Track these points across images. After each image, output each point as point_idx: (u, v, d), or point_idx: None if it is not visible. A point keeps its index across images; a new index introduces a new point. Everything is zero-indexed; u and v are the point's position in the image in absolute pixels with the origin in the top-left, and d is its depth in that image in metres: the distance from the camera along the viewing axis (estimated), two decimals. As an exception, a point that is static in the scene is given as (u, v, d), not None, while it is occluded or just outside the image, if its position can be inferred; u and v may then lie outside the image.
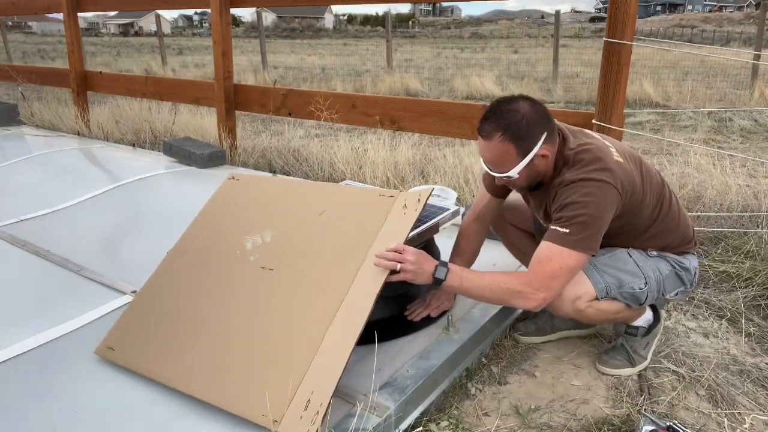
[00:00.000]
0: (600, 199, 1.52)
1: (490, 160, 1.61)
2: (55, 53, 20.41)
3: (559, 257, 1.52)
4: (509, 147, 1.55)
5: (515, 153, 1.56)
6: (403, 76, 11.02)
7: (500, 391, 1.76)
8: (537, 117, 1.56)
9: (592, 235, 1.52)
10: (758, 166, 4.17)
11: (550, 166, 1.63)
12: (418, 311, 1.90)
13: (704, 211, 3.06)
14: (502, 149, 1.56)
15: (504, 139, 1.54)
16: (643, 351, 1.84)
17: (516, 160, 1.57)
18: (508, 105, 1.57)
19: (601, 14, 61.84)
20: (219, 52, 4.09)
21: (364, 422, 1.42)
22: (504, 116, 1.55)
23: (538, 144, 1.56)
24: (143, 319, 1.73)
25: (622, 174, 1.55)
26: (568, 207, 1.53)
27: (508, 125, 1.54)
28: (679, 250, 1.77)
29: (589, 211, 1.51)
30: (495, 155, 1.58)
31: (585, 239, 1.52)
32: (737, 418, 1.64)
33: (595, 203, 1.52)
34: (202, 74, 12.48)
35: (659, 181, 1.71)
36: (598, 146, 1.60)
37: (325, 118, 3.65)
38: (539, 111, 1.57)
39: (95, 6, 5.28)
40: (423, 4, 64.89)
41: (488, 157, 1.60)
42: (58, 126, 5.59)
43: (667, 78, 9.92)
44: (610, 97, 2.46)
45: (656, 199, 1.67)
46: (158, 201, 3.21)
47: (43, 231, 2.76)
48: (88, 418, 1.47)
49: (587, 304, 1.65)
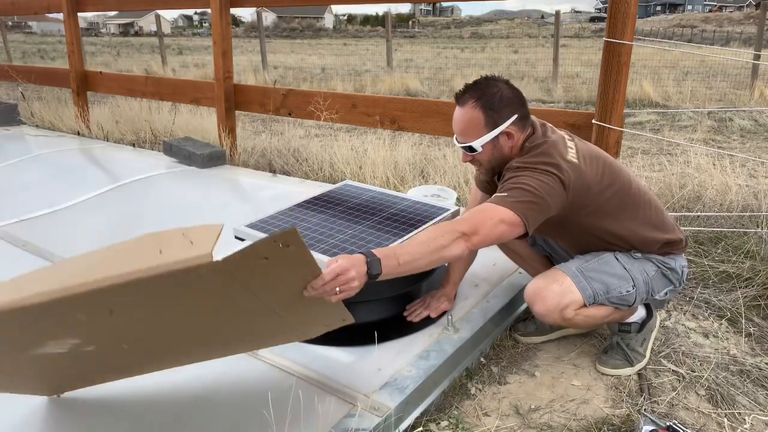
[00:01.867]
0: (542, 181, 1.53)
1: (460, 128, 1.64)
2: (55, 53, 20.41)
3: (490, 209, 1.51)
4: (479, 115, 1.60)
5: (483, 123, 1.60)
6: (403, 76, 11.01)
7: (500, 391, 1.76)
8: (511, 97, 1.62)
9: (529, 203, 1.51)
10: (758, 166, 4.17)
11: (514, 151, 1.65)
12: (417, 312, 1.90)
13: (704, 211, 3.05)
14: (472, 117, 1.60)
15: (476, 106, 1.59)
16: (640, 348, 1.85)
17: (482, 131, 1.61)
18: (488, 80, 1.64)
19: (601, 14, 61.85)
20: (219, 52, 4.09)
21: (364, 422, 1.43)
22: (481, 87, 1.61)
23: (507, 122, 1.61)
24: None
25: (569, 171, 1.57)
26: (510, 180, 1.57)
27: (482, 94, 1.60)
28: (663, 251, 1.76)
29: (530, 183, 1.53)
30: (464, 122, 1.62)
31: (521, 203, 1.50)
32: (737, 418, 1.64)
33: (537, 181, 1.53)
34: (202, 74, 12.48)
35: (626, 183, 1.70)
36: (555, 143, 1.62)
37: (324, 118, 3.65)
38: (515, 94, 1.63)
39: (95, 6, 5.28)
40: (423, 4, 64.89)
41: (458, 124, 1.64)
42: (58, 126, 5.59)
43: (667, 78, 9.92)
44: (610, 97, 2.46)
45: (620, 200, 1.68)
46: (158, 201, 3.21)
47: (43, 231, 2.76)
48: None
49: (575, 312, 1.66)
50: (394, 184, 3.60)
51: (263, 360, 1.68)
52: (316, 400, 1.50)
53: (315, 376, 1.59)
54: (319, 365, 1.65)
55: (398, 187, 3.58)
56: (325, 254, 1.73)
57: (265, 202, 3.14)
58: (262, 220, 2.01)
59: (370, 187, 2.32)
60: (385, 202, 2.15)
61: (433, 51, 21.31)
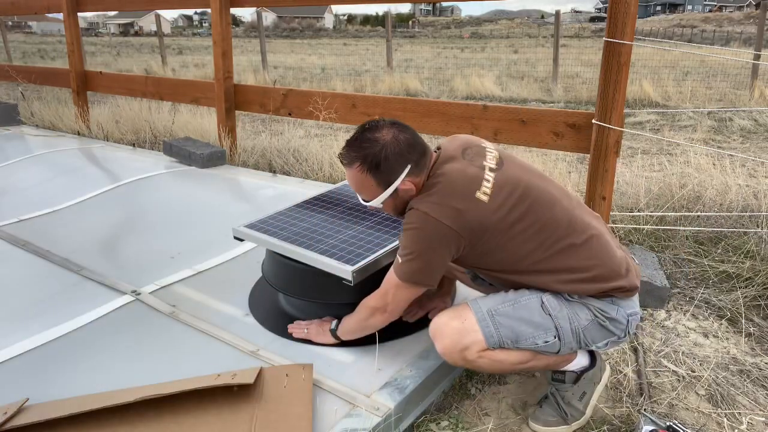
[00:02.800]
0: (425, 234, 1.43)
1: (355, 188, 1.57)
2: (55, 53, 20.41)
3: (389, 280, 1.53)
4: (368, 178, 1.50)
5: (375, 184, 1.51)
6: (403, 76, 11.01)
7: (500, 391, 1.76)
8: (399, 149, 1.48)
9: (417, 267, 1.46)
10: (758, 166, 4.18)
11: (417, 191, 1.53)
12: (413, 312, 1.90)
13: (704, 211, 3.06)
14: (362, 179, 1.51)
15: (362, 169, 1.49)
16: (577, 403, 1.59)
17: (377, 191, 1.53)
18: (370, 133, 1.50)
19: (601, 14, 61.86)
20: (219, 52, 4.09)
21: (365, 422, 1.43)
22: (363, 146, 1.49)
23: (400, 177, 1.49)
24: None
25: (466, 213, 1.41)
26: (401, 236, 1.50)
27: (365, 156, 1.48)
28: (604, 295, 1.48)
29: (413, 247, 1.45)
30: (357, 184, 1.54)
31: (409, 270, 1.47)
32: (737, 418, 1.64)
33: (420, 238, 1.44)
34: (202, 74, 12.48)
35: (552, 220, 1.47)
36: (459, 179, 1.46)
37: (324, 118, 3.65)
38: (403, 141, 1.49)
39: (95, 6, 5.28)
40: (423, 4, 64.90)
41: (352, 185, 1.56)
42: (58, 126, 5.59)
43: (667, 78, 9.92)
44: (610, 96, 2.46)
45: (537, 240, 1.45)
46: (158, 201, 3.21)
47: (43, 231, 2.76)
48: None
49: (478, 354, 1.46)
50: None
51: (263, 360, 1.68)
52: (317, 400, 1.50)
53: (315, 376, 1.60)
54: (319, 365, 1.65)
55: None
56: (325, 254, 1.73)
57: (264, 202, 3.14)
58: (261, 220, 2.01)
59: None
60: (385, 202, 2.15)
61: (433, 51, 21.32)
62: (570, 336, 1.47)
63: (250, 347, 1.75)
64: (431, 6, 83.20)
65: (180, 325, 1.90)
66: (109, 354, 1.74)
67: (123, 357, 1.73)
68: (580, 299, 1.48)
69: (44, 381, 1.62)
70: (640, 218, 2.97)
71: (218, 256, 2.44)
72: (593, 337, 1.49)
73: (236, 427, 1.37)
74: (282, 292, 1.89)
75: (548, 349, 1.48)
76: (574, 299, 1.48)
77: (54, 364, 1.70)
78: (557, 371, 1.60)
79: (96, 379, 1.62)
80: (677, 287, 2.42)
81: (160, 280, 2.22)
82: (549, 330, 1.46)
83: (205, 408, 1.44)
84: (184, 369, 1.66)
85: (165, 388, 1.45)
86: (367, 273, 1.69)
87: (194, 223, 2.84)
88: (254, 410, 1.43)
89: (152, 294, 2.11)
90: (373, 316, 1.60)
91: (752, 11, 43.86)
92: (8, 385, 1.60)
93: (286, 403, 1.45)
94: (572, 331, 1.47)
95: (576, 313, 1.47)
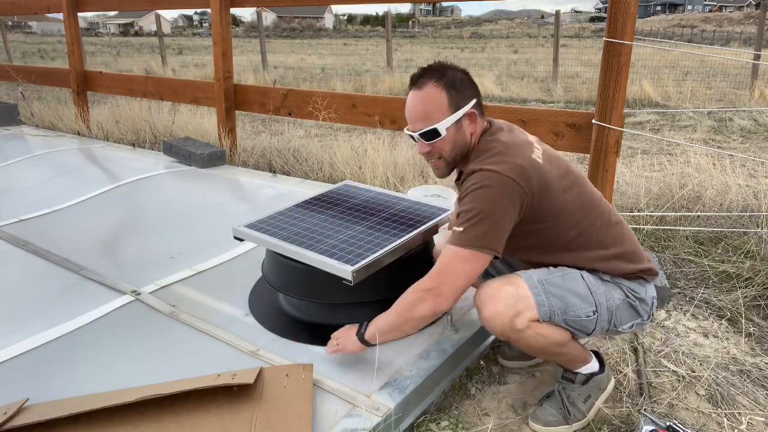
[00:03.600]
0: (492, 192, 1.41)
1: (420, 112, 1.51)
2: (55, 53, 20.41)
3: (451, 254, 1.43)
4: (442, 95, 1.49)
5: (446, 104, 1.49)
6: (403, 76, 11.01)
7: (500, 391, 1.76)
8: (469, 81, 1.55)
9: (486, 233, 1.40)
10: (758, 166, 4.18)
11: (474, 139, 1.55)
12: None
13: (704, 211, 3.05)
14: (434, 97, 1.49)
15: (438, 85, 1.49)
16: (582, 405, 1.61)
17: (446, 112, 1.50)
18: (443, 64, 1.55)
19: (601, 14, 61.85)
20: (219, 52, 4.09)
21: (365, 422, 1.43)
22: (440, 69, 1.52)
23: (470, 104, 1.52)
24: None
25: (530, 170, 1.43)
26: (464, 202, 1.45)
27: (443, 74, 1.51)
28: (635, 275, 1.55)
29: (481, 206, 1.41)
30: (425, 103, 1.50)
31: (478, 237, 1.40)
32: (737, 418, 1.64)
33: (487, 196, 1.41)
34: (202, 74, 12.49)
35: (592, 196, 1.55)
36: (514, 142, 1.50)
37: (324, 118, 3.65)
38: (472, 80, 1.57)
39: (95, 6, 5.28)
40: (423, 4, 64.91)
41: (418, 107, 1.51)
42: (58, 126, 5.59)
43: (667, 78, 9.92)
44: (610, 96, 2.46)
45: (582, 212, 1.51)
46: (158, 201, 3.21)
47: (43, 231, 2.76)
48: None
49: (527, 323, 1.44)
50: (393, 184, 3.60)
51: (263, 360, 1.68)
52: (317, 400, 1.50)
53: (315, 376, 1.60)
54: (319, 365, 1.65)
55: (398, 187, 3.58)
56: (325, 254, 1.73)
57: (264, 202, 3.14)
58: (261, 220, 2.01)
59: (369, 188, 2.32)
60: (384, 203, 2.15)
61: (433, 51, 21.32)
62: (605, 314, 1.50)
63: (250, 347, 1.75)
64: (431, 6, 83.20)
65: (180, 325, 1.90)
66: (109, 354, 1.74)
67: (123, 357, 1.73)
68: (612, 279, 1.53)
69: (44, 381, 1.62)
70: (640, 218, 2.97)
71: (218, 256, 2.44)
72: (621, 318, 1.53)
73: (236, 427, 1.37)
74: (282, 292, 1.89)
75: (588, 326, 1.50)
76: (607, 279, 1.53)
77: (54, 364, 1.70)
78: (569, 371, 1.62)
79: (96, 379, 1.62)
80: (677, 287, 2.42)
81: (160, 280, 2.22)
82: (591, 304, 1.49)
83: (205, 408, 1.44)
84: (184, 369, 1.66)
85: (165, 388, 1.45)
86: (367, 273, 1.68)
87: (194, 223, 2.84)
88: (254, 410, 1.43)
89: (152, 294, 2.11)
90: (422, 303, 1.45)
91: (752, 11, 43.86)
92: (8, 385, 1.60)
93: (286, 403, 1.45)
94: (607, 309, 1.50)
95: (610, 291, 1.52)
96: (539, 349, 1.51)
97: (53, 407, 1.44)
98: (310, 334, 1.82)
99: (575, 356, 1.58)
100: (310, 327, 1.85)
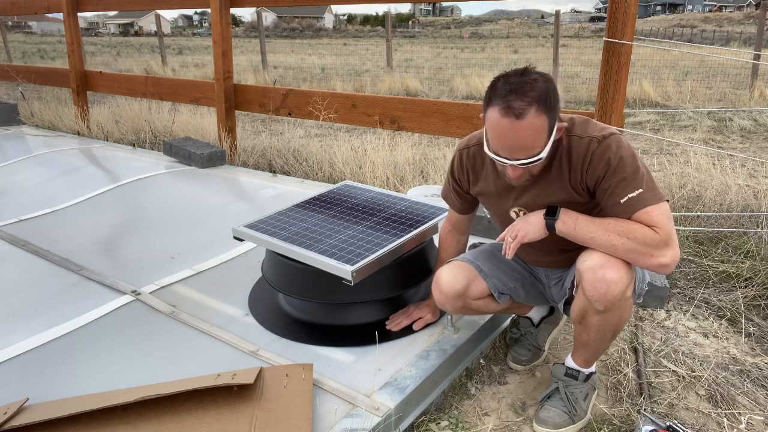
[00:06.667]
0: (628, 148, 1.40)
1: (524, 146, 1.34)
2: (55, 53, 20.41)
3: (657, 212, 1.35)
4: (543, 122, 1.32)
5: (547, 128, 1.34)
6: (403, 76, 11.02)
7: (500, 391, 1.76)
8: (555, 88, 1.37)
9: (654, 184, 1.39)
10: (758, 166, 4.18)
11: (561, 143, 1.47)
12: (398, 320, 1.85)
13: (704, 211, 3.06)
14: (537, 126, 1.32)
15: (539, 112, 1.31)
16: (583, 403, 1.62)
17: (547, 138, 1.36)
18: (524, 76, 1.34)
19: (601, 14, 61.87)
20: (219, 52, 4.09)
21: (365, 422, 1.43)
22: (533, 87, 1.31)
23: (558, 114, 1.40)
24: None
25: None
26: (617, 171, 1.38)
27: (540, 96, 1.31)
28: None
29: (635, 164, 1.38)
30: (530, 137, 1.33)
31: (656, 189, 1.38)
32: (737, 417, 1.64)
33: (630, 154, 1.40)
34: (202, 74, 12.49)
35: None
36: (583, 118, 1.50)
37: (324, 118, 3.65)
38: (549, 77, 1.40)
39: (95, 6, 5.28)
40: (423, 4, 64.93)
41: (523, 140, 1.33)
42: (58, 126, 5.59)
43: (667, 78, 9.92)
44: (610, 96, 2.46)
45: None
46: (158, 201, 3.21)
47: (43, 231, 2.76)
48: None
49: (629, 295, 1.44)
50: (393, 184, 3.60)
51: (263, 360, 1.69)
52: (317, 400, 1.51)
53: (315, 376, 1.60)
54: (319, 365, 1.65)
55: (398, 187, 3.58)
56: (325, 254, 1.73)
57: (264, 202, 3.14)
58: (261, 220, 2.01)
59: (369, 188, 2.32)
60: (384, 203, 2.15)
61: (433, 51, 21.32)
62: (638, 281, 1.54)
63: (250, 347, 1.75)
64: (431, 6, 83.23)
65: (180, 325, 1.90)
66: (109, 354, 1.74)
67: (123, 357, 1.73)
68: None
69: (44, 381, 1.62)
70: (640, 218, 2.97)
71: (218, 256, 2.44)
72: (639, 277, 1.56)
73: (236, 427, 1.37)
74: (282, 292, 1.89)
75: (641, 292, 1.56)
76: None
77: (54, 364, 1.70)
78: (572, 369, 1.62)
79: (96, 379, 1.62)
80: (677, 287, 2.42)
81: (160, 280, 2.22)
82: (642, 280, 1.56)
83: (205, 408, 1.44)
84: (184, 369, 1.66)
85: (165, 388, 1.45)
86: (367, 273, 1.69)
87: (194, 223, 2.84)
88: (254, 410, 1.43)
89: (152, 294, 2.11)
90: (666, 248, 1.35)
91: (752, 11, 43.88)
92: (8, 385, 1.60)
93: (286, 403, 1.45)
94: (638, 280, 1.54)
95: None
96: (617, 324, 1.48)
97: (53, 407, 1.44)
98: (310, 334, 1.82)
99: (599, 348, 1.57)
100: (310, 327, 1.85)
